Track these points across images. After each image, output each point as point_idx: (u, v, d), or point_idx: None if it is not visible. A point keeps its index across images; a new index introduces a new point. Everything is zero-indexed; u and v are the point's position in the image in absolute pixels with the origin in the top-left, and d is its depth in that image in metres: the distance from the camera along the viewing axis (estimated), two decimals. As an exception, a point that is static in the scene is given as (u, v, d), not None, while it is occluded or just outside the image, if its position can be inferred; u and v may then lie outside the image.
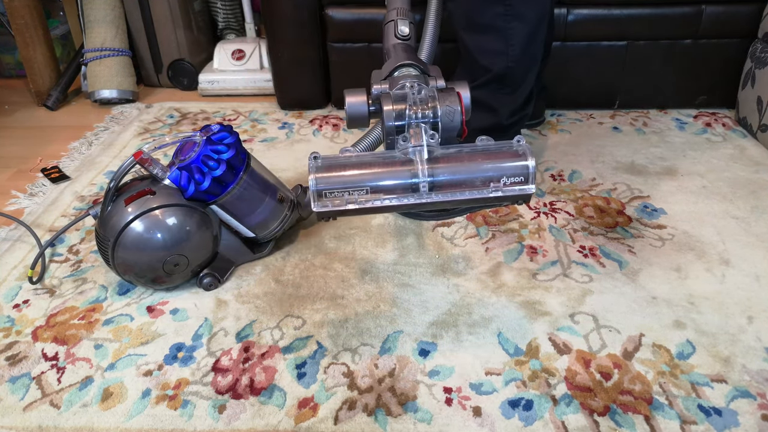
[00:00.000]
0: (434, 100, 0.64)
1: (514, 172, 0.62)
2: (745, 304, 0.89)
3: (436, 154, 0.63)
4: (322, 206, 0.63)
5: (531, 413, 0.72)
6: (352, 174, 0.63)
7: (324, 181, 0.62)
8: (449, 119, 0.63)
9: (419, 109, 0.63)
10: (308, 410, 0.74)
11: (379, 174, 0.62)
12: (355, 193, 0.62)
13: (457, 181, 0.62)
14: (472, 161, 0.62)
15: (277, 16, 1.48)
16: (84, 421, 0.73)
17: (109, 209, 0.87)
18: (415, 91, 0.65)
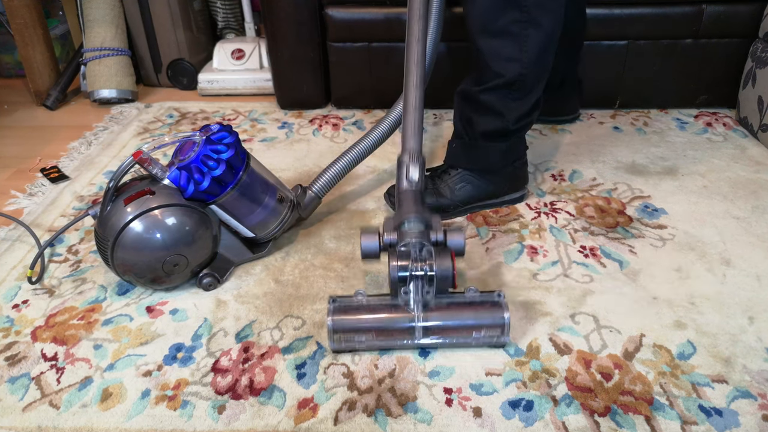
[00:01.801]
0: (431, 258, 0.78)
1: (492, 326, 0.79)
2: (746, 305, 0.88)
3: (430, 305, 0.79)
4: (336, 344, 0.79)
5: (531, 414, 0.72)
6: (361, 318, 0.79)
7: (339, 323, 0.78)
8: (443, 276, 0.77)
9: (419, 265, 0.78)
10: (308, 411, 0.73)
11: (383, 320, 0.79)
12: (363, 335, 0.79)
13: (445, 328, 0.79)
14: (458, 312, 0.79)
15: (276, 16, 1.48)
16: (83, 421, 0.73)
17: (109, 209, 0.86)
18: (417, 250, 0.79)
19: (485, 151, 1.07)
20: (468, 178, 1.08)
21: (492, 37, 0.97)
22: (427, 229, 0.82)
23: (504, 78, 0.99)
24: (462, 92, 1.08)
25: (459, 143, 1.09)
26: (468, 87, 1.06)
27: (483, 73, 1.01)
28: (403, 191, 0.88)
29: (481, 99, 1.03)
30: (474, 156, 1.08)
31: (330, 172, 1.07)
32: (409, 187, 0.88)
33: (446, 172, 1.11)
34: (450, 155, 1.12)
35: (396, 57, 1.50)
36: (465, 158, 1.09)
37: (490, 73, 1.00)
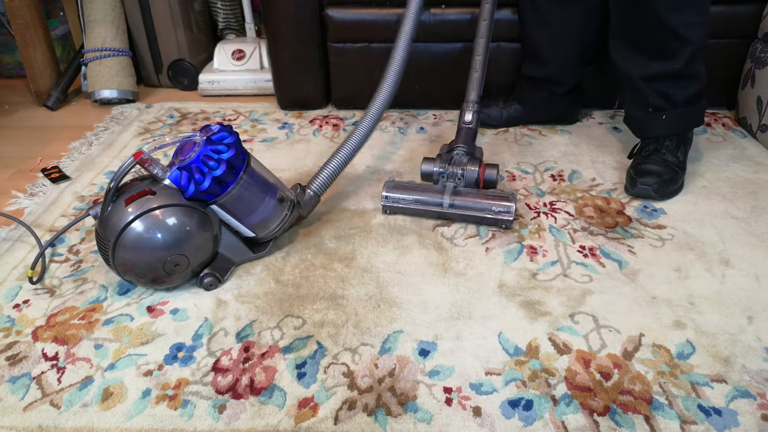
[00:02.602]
0: (464, 163, 1.12)
1: (500, 208, 1.06)
2: (745, 304, 0.89)
3: (458, 190, 1.10)
4: (386, 203, 1.12)
5: (531, 413, 0.72)
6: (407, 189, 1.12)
7: (391, 188, 1.12)
8: (469, 175, 1.12)
9: (455, 166, 1.12)
10: (308, 410, 0.74)
11: (422, 193, 1.11)
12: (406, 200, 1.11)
13: (466, 206, 1.08)
14: (477, 198, 1.08)
15: (277, 17, 1.48)
16: (84, 421, 0.73)
17: (110, 209, 0.87)
18: (458, 156, 1.14)
19: (692, 112, 1.18)
20: (684, 139, 1.20)
21: (680, 9, 1.06)
22: (470, 153, 1.15)
23: (694, 43, 1.09)
24: (647, 77, 1.14)
25: (666, 114, 1.17)
26: (657, 69, 1.13)
27: (670, 48, 1.10)
28: (459, 128, 1.20)
29: (683, 72, 1.12)
30: (687, 120, 1.19)
31: (327, 169, 1.08)
32: (464, 126, 1.20)
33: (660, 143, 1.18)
34: (658, 127, 1.18)
35: (396, 57, 1.50)
36: (682, 123, 1.19)
37: (681, 44, 1.09)
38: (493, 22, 1.24)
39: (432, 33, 1.46)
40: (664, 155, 1.17)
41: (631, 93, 1.19)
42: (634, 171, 1.17)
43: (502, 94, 1.51)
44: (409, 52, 1.16)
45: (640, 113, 1.19)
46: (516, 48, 1.47)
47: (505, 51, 1.48)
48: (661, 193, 1.14)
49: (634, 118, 1.22)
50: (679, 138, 1.19)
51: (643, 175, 1.14)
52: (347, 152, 1.10)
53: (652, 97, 1.15)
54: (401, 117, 1.57)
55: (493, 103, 1.47)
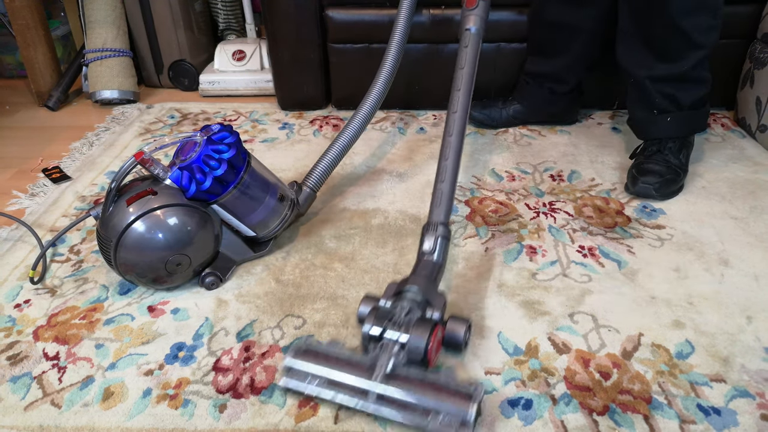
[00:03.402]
0: (409, 326, 0.73)
1: (452, 416, 0.66)
2: (744, 304, 0.89)
3: (396, 372, 0.71)
4: (286, 382, 0.74)
5: (530, 413, 0.73)
6: (319, 363, 0.73)
7: (295, 362, 0.74)
8: (414, 347, 0.72)
9: (395, 329, 0.73)
10: (308, 409, 0.74)
11: (341, 372, 0.72)
12: (314, 382, 0.73)
13: (401, 402, 0.69)
14: (421, 390, 0.69)
15: (277, 17, 1.48)
16: (85, 420, 0.73)
17: (111, 210, 0.87)
18: (402, 314, 0.75)
19: (696, 116, 1.19)
20: (686, 142, 1.21)
21: (695, 13, 1.06)
22: (424, 303, 0.77)
23: (707, 48, 1.10)
24: (654, 78, 1.15)
25: (670, 117, 1.17)
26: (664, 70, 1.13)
27: (681, 51, 1.10)
28: (420, 260, 0.85)
29: (691, 75, 1.13)
30: (691, 123, 1.19)
31: (322, 165, 1.10)
32: (423, 257, 0.85)
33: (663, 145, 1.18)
34: (662, 129, 1.19)
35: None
36: (686, 127, 1.19)
37: (691, 47, 1.09)
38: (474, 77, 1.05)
39: (432, 33, 1.46)
40: (666, 156, 1.17)
41: (636, 94, 1.19)
42: (636, 170, 1.17)
43: (502, 94, 1.52)
44: (402, 51, 1.17)
45: (645, 115, 1.19)
46: (516, 48, 1.47)
47: (505, 51, 1.48)
48: (662, 192, 1.14)
49: (638, 119, 1.22)
50: (681, 141, 1.19)
51: (645, 174, 1.15)
52: (340, 147, 1.11)
53: (658, 99, 1.15)
54: (401, 117, 1.57)
55: (493, 104, 1.47)
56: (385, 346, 0.72)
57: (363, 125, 1.14)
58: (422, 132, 1.49)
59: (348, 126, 1.13)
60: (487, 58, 1.49)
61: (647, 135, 1.21)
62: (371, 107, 1.15)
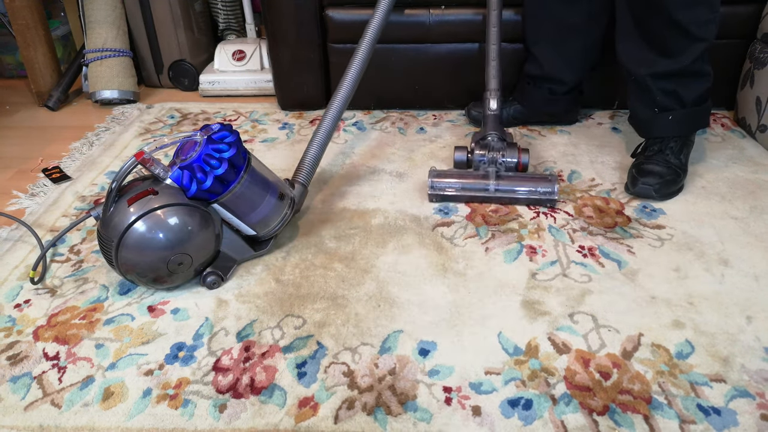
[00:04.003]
0: (503, 148, 1.20)
1: (545, 188, 1.13)
2: (743, 304, 0.89)
3: (500, 174, 1.16)
4: (432, 192, 1.16)
5: (530, 413, 0.73)
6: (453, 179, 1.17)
7: (436, 181, 1.16)
8: (511, 160, 1.19)
9: (494, 152, 1.19)
10: (308, 409, 0.74)
11: (468, 181, 1.17)
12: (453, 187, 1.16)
13: (510, 189, 1.15)
14: (520, 180, 1.15)
15: (277, 17, 1.48)
16: (85, 420, 0.73)
17: (112, 210, 0.87)
18: (494, 142, 1.21)
19: (698, 113, 1.19)
20: (687, 141, 1.21)
21: (692, 7, 1.06)
22: (503, 140, 1.22)
23: (707, 41, 1.10)
24: (655, 74, 1.14)
25: (672, 115, 1.17)
26: (665, 66, 1.13)
27: (680, 46, 1.10)
28: (486, 115, 1.27)
29: (691, 69, 1.13)
30: (693, 121, 1.19)
31: (308, 159, 1.12)
32: (491, 113, 1.27)
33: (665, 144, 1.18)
34: (664, 128, 1.18)
35: (396, 58, 1.50)
36: (688, 125, 1.19)
37: (690, 41, 1.09)
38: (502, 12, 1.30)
39: (432, 33, 1.46)
40: (667, 156, 1.17)
41: (637, 92, 1.19)
42: (636, 170, 1.17)
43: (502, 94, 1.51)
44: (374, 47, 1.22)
45: (646, 113, 1.19)
46: (516, 48, 1.47)
47: (505, 51, 1.48)
48: (662, 193, 1.14)
49: (639, 117, 1.22)
50: (683, 140, 1.19)
51: (645, 175, 1.15)
52: (321, 138, 1.14)
53: (660, 96, 1.15)
54: (401, 117, 1.57)
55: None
56: (490, 160, 1.18)
57: (339, 115, 1.16)
58: (422, 132, 1.49)
59: (327, 116, 1.15)
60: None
61: (649, 133, 1.21)
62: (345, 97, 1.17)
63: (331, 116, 1.15)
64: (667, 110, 1.16)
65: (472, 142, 1.22)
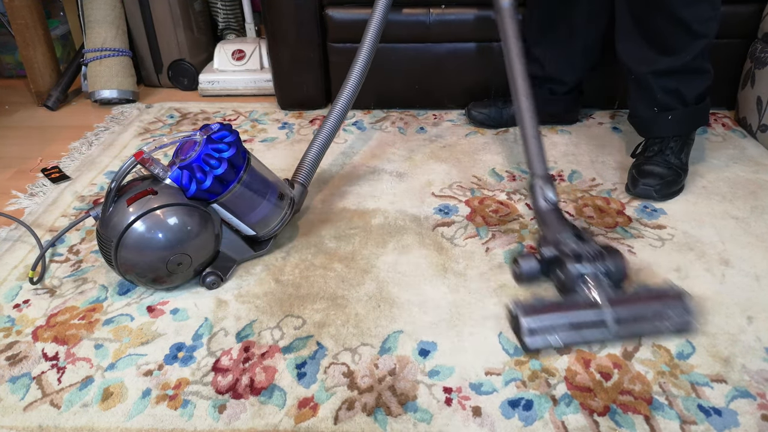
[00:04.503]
0: (604, 256, 0.85)
1: (677, 309, 0.81)
2: (744, 304, 0.89)
3: (613, 297, 0.81)
4: (533, 342, 0.79)
5: (531, 413, 0.72)
6: (556, 316, 0.80)
7: (532, 321, 0.79)
8: (618, 270, 0.84)
9: (596, 264, 0.83)
10: (308, 410, 0.74)
11: (576, 316, 0.80)
12: (557, 332, 0.79)
13: (635, 316, 0.80)
14: (644, 301, 0.82)
15: (277, 17, 1.48)
16: (84, 420, 0.73)
17: (111, 210, 0.87)
18: (588, 251, 0.85)
19: (698, 112, 1.18)
20: (687, 140, 1.20)
21: (694, 4, 1.06)
22: (581, 238, 0.88)
23: (708, 38, 1.10)
24: (656, 72, 1.13)
25: (672, 114, 1.16)
26: (666, 63, 1.12)
27: (682, 42, 1.10)
28: (545, 211, 0.96)
29: (692, 66, 1.12)
30: (693, 120, 1.18)
31: (308, 159, 1.11)
32: (550, 207, 0.96)
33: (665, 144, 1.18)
34: (664, 128, 1.18)
35: (396, 57, 1.50)
36: (688, 124, 1.19)
37: (692, 38, 1.09)
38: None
39: (432, 33, 1.46)
40: (667, 157, 1.17)
41: (637, 90, 1.19)
42: (636, 171, 1.17)
43: (502, 94, 1.51)
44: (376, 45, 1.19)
45: (646, 112, 1.19)
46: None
47: (505, 51, 1.48)
48: (663, 194, 1.14)
49: (639, 117, 1.22)
50: (683, 139, 1.19)
51: (646, 176, 1.14)
52: (323, 139, 1.13)
53: (661, 95, 1.15)
54: (401, 117, 1.57)
55: (493, 103, 1.47)
56: (591, 279, 0.82)
57: (342, 117, 1.15)
58: (422, 132, 1.48)
59: (330, 116, 1.14)
60: (486, 58, 1.49)
61: (649, 133, 1.21)
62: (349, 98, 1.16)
63: (334, 118, 1.14)
64: (667, 109, 1.16)
65: (541, 246, 0.89)
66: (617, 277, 0.83)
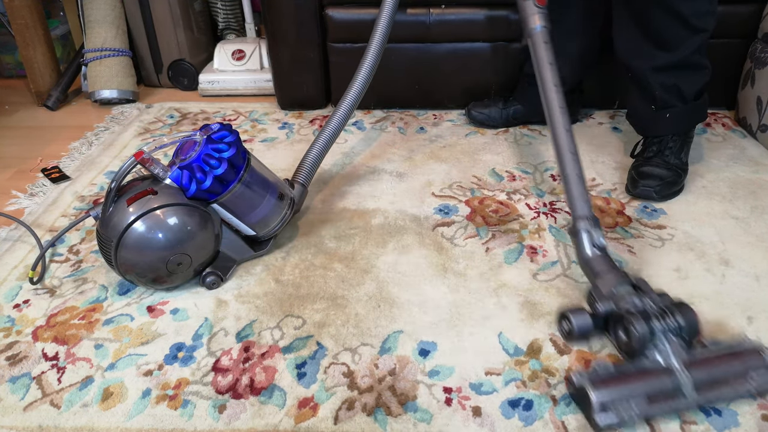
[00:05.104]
0: (674, 313, 0.74)
1: (759, 368, 0.72)
2: (744, 305, 0.89)
3: (687, 359, 0.72)
4: (606, 419, 0.69)
5: (531, 413, 0.72)
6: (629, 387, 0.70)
7: (603, 394, 0.69)
8: (691, 329, 0.74)
9: (665, 321, 0.73)
10: (308, 410, 0.74)
11: (651, 385, 0.70)
12: (633, 403, 0.69)
13: (714, 380, 0.71)
14: (718, 363, 0.72)
15: (277, 17, 1.48)
16: (84, 420, 0.73)
17: (111, 210, 0.87)
18: (654, 307, 0.75)
19: (696, 109, 1.18)
20: (687, 139, 1.20)
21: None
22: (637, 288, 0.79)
23: (706, 32, 1.10)
24: (655, 68, 1.13)
25: (670, 112, 1.16)
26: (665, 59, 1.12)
27: (680, 37, 1.10)
28: (594, 258, 0.85)
29: (691, 61, 1.12)
30: (691, 117, 1.19)
31: (308, 160, 1.11)
32: (600, 253, 0.86)
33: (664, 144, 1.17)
34: (662, 126, 1.17)
35: (396, 57, 1.50)
36: (687, 121, 1.19)
37: (690, 33, 1.09)
38: None
39: (432, 33, 1.46)
40: (666, 157, 1.16)
41: (636, 88, 1.19)
42: (636, 173, 1.17)
43: (502, 94, 1.51)
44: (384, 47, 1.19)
45: (645, 110, 1.19)
46: (516, 48, 1.47)
47: (506, 51, 1.48)
48: (663, 195, 1.14)
49: (638, 115, 1.22)
50: (682, 138, 1.19)
51: (645, 177, 1.14)
52: (325, 140, 1.13)
53: (659, 92, 1.15)
54: (401, 117, 1.57)
55: (493, 104, 1.47)
56: (663, 338, 0.72)
57: (345, 118, 1.15)
58: (422, 132, 1.48)
59: (333, 117, 1.14)
60: (487, 58, 1.49)
61: (647, 132, 1.21)
62: (353, 99, 1.16)
63: (337, 119, 1.14)
64: (666, 107, 1.16)
65: (594, 300, 0.80)
66: (690, 335, 0.74)
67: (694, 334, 0.74)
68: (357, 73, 1.17)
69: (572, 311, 0.77)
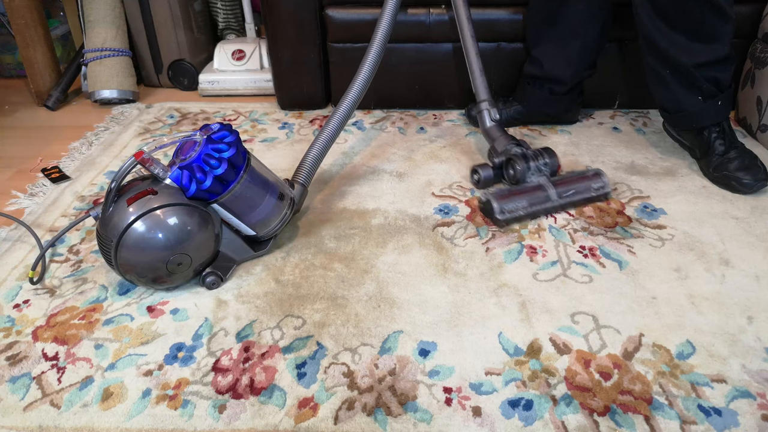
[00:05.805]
0: (544, 156, 1.15)
1: (599, 184, 1.14)
2: (744, 304, 0.89)
3: (553, 181, 1.13)
4: (505, 216, 1.07)
5: (531, 413, 0.72)
6: (517, 197, 1.09)
7: (502, 203, 1.07)
8: (553, 164, 1.16)
9: (537, 160, 1.15)
10: (308, 410, 0.74)
11: (530, 196, 1.10)
12: (520, 207, 1.09)
13: (569, 193, 1.12)
14: (574, 180, 1.14)
15: (277, 17, 1.48)
16: (84, 421, 0.73)
17: (111, 210, 0.87)
18: (527, 151, 1.16)
19: (732, 95, 1.22)
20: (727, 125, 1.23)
21: None
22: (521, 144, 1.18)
23: (732, 22, 1.13)
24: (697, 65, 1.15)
25: (713, 102, 1.19)
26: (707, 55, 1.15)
27: (716, 27, 1.13)
28: (492, 128, 1.25)
29: (729, 53, 1.16)
30: (731, 103, 1.22)
31: (308, 160, 1.11)
32: (494, 124, 1.25)
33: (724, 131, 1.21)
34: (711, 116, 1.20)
35: (395, 57, 1.50)
36: (728, 109, 1.22)
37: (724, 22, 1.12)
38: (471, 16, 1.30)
39: (432, 33, 1.46)
40: (735, 143, 1.21)
41: (678, 83, 1.19)
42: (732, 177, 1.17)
43: (502, 94, 1.52)
44: (384, 48, 1.20)
45: (692, 102, 1.20)
46: (516, 48, 1.47)
47: (505, 51, 1.48)
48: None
49: (684, 109, 1.22)
50: (721, 125, 1.22)
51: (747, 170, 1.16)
52: (325, 140, 1.13)
53: (705, 85, 1.17)
54: (401, 117, 1.57)
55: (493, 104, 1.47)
56: (536, 169, 1.14)
57: (345, 118, 1.16)
58: (422, 132, 1.48)
59: (333, 118, 1.15)
60: (487, 58, 1.49)
61: (704, 122, 1.22)
62: (353, 100, 1.16)
63: (337, 119, 1.14)
64: (711, 97, 1.18)
65: (493, 156, 1.20)
66: (553, 168, 1.15)
67: (555, 166, 1.15)
68: (357, 73, 1.17)
69: (479, 166, 1.19)
